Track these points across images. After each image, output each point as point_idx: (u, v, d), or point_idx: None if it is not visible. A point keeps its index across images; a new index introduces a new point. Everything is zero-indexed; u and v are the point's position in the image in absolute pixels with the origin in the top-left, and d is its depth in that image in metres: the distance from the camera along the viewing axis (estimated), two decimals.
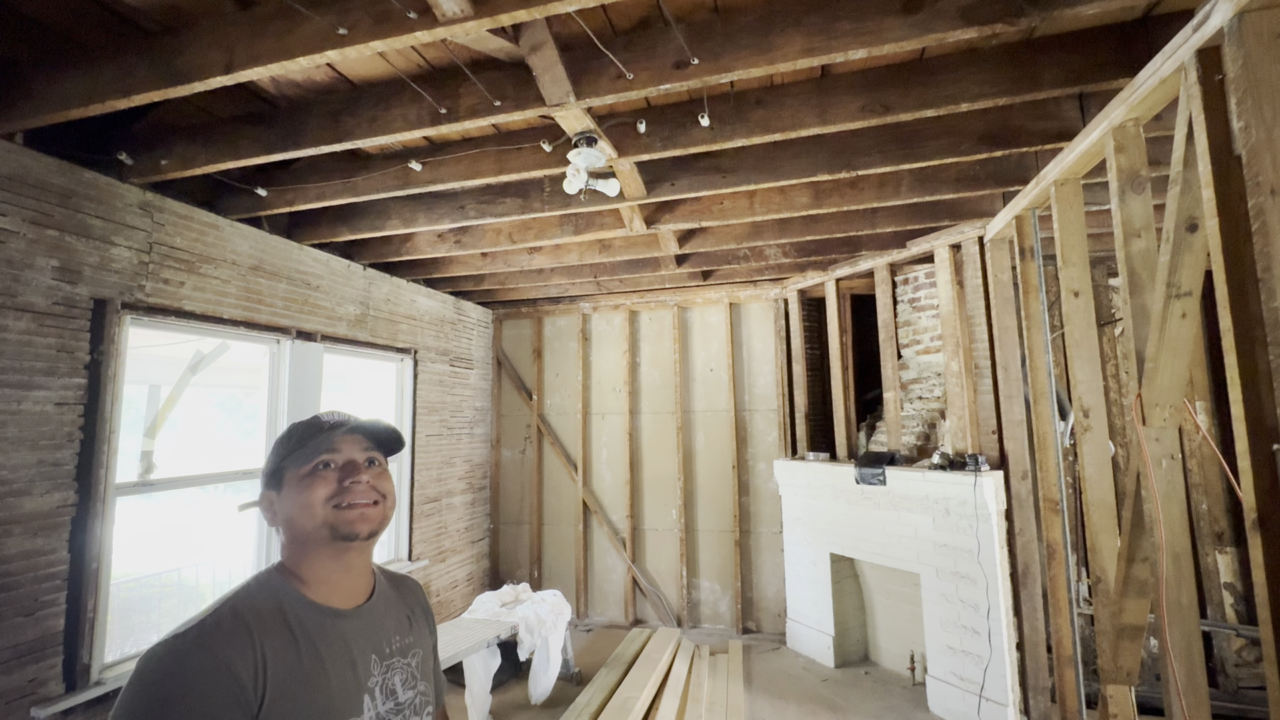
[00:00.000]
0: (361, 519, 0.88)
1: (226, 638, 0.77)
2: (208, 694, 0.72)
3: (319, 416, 0.95)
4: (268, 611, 0.83)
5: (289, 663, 0.80)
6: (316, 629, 0.85)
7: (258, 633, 0.79)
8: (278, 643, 0.80)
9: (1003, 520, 3.26)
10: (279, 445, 0.93)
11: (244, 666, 0.75)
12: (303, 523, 0.87)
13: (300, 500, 0.87)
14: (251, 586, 0.86)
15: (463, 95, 2.14)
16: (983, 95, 2.11)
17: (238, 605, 0.82)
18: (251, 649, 0.77)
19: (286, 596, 0.86)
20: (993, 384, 3.46)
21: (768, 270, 4.68)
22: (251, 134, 2.43)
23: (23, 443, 2.21)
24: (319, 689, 0.81)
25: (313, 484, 0.88)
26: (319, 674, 0.82)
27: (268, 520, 0.92)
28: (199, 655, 0.74)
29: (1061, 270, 2.50)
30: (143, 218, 2.67)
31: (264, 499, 0.92)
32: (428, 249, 3.79)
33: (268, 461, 0.93)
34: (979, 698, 3.17)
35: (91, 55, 2.04)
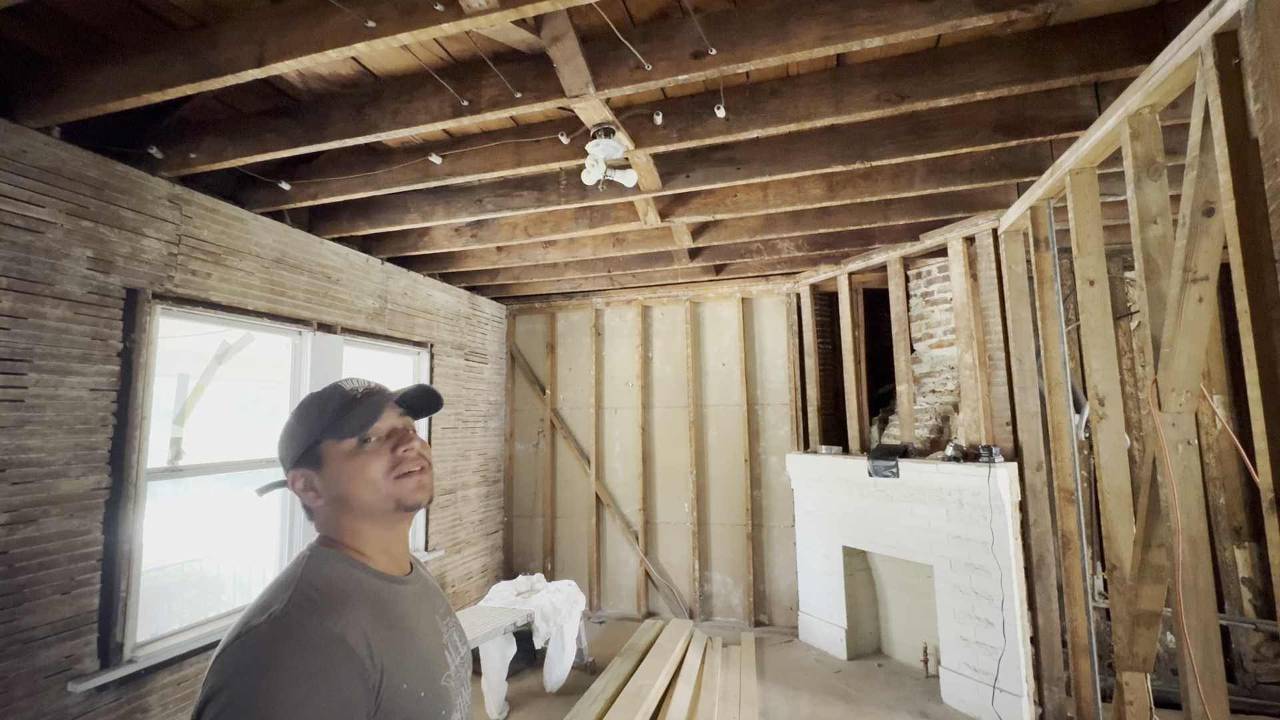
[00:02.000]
0: (420, 487, 0.88)
1: (325, 613, 0.73)
2: (331, 669, 0.69)
3: (340, 386, 0.91)
4: (345, 585, 0.80)
5: (385, 631, 0.78)
6: (391, 597, 0.84)
7: (348, 606, 0.76)
8: (368, 612, 0.78)
9: (1017, 511, 3.26)
10: (307, 421, 0.87)
11: (356, 639, 0.73)
12: (365, 497, 0.84)
13: (361, 475, 0.84)
14: (312, 565, 0.82)
15: (484, 87, 2.19)
16: (998, 84, 2.12)
17: (312, 582, 0.78)
18: (354, 622, 0.74)
19: (354, 568, 0.84)
20: (1007, 376, 3.46)
21: (780, 264, 4.69)
22: (277, 127, 2.50)
23: (60, 426, 2.29)
24: (415, 652, 0.81)
25: (368, 458, 0.85)
26: (410, 637, 0.82)
27: (307, 500, 0.87)
28: (308, 632, 0.70)
29: (1077, 259, 2.51)
30: (172, 210, 2.74)
31: (299, 478, 0.87)
32: (444, 243, 3.85)
33: (295, 440, 0.88)
34: (993, 688, 3.18)
35: (127, 51, 2.11)
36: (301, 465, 0.86)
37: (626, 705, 3.13)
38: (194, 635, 2.72)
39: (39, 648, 2.19)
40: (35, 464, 2.21)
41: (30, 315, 2.22)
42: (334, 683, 0.68)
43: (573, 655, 3.80)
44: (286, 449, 0.88)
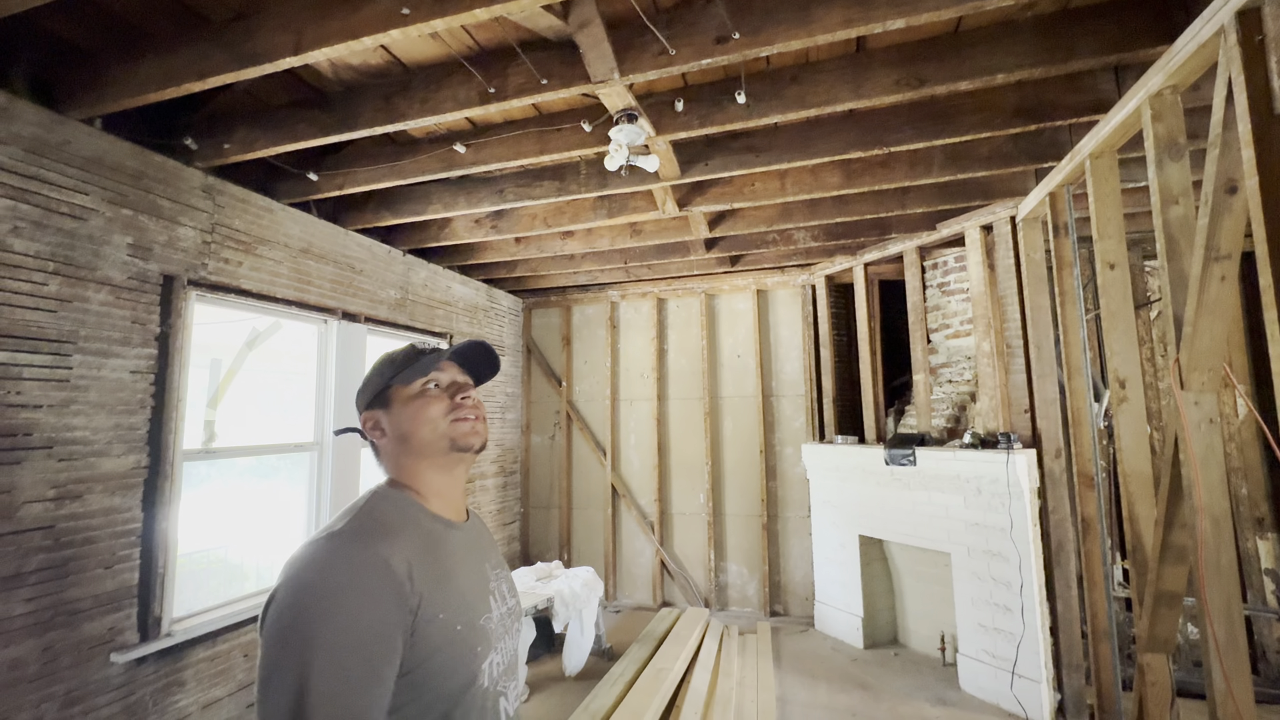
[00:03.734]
0: (473, 432, 0.95)
1: (378, 538, 0.80)
2: (372, 586, 0.75)
3: (413, 343, 1.02)
4: (399, 519, 0.87)
5: (429, 564, 0.84)
6: (442, 536, 0.91)
7: (399, 536, 0.83)
8: (417, 546, 0.85)
9: (1035, 498, 3.26)
10: (381, 369, 0.98)
11: (399, 564, 0.79)
12: (424, 434, 0.93)
13: (421, 415, 0.93)
14: (374, 500, 0.89)
15: (510, 75, 2.24)
16: (1018, 66, 2.14)
17: (372, 512, 0.86)
18: (400, 550, 0.81)
19: (410, 507, 0.91)
20: (1025, 364, 3.47)
21: (796, 255, 4.72)
22: (308, 117, 2.57)
23: (102, 407, 2.37)
24: (457, 589, 0.87)
25: (428, 401, 0.94)
26: (454, 575, 0.88)
27: (375, 438, 0.97)
28: (359, 550, 0.77)
29: (1097, 243, 2.51)
30: (205, 200, 2.82)
31: (369, 419, 0.97)
32: (465, 234, 3.91)
33: (369, 386, 0.98)
34: (1011, 674, 3.18)
35: (166, 43, 2.18)
36: (373, 407, 0.97)
37: (646, 688, 3.18)
38: (225, 613, 2.80)
39: (84, 619, 2.28)
40: (80, 442, 2.30)
41: (75, 299, 2.30)
42: (373, 597, 0.75)
43: (591, 641, 3.85)
44: (362, 396, 0.99)
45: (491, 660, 0.88)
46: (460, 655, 0.83)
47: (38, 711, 2.11)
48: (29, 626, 2.11)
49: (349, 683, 0.70)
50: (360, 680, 0.71)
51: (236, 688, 2.82)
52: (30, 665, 2.10)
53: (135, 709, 2.41)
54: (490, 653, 0.88)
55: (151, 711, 2.46)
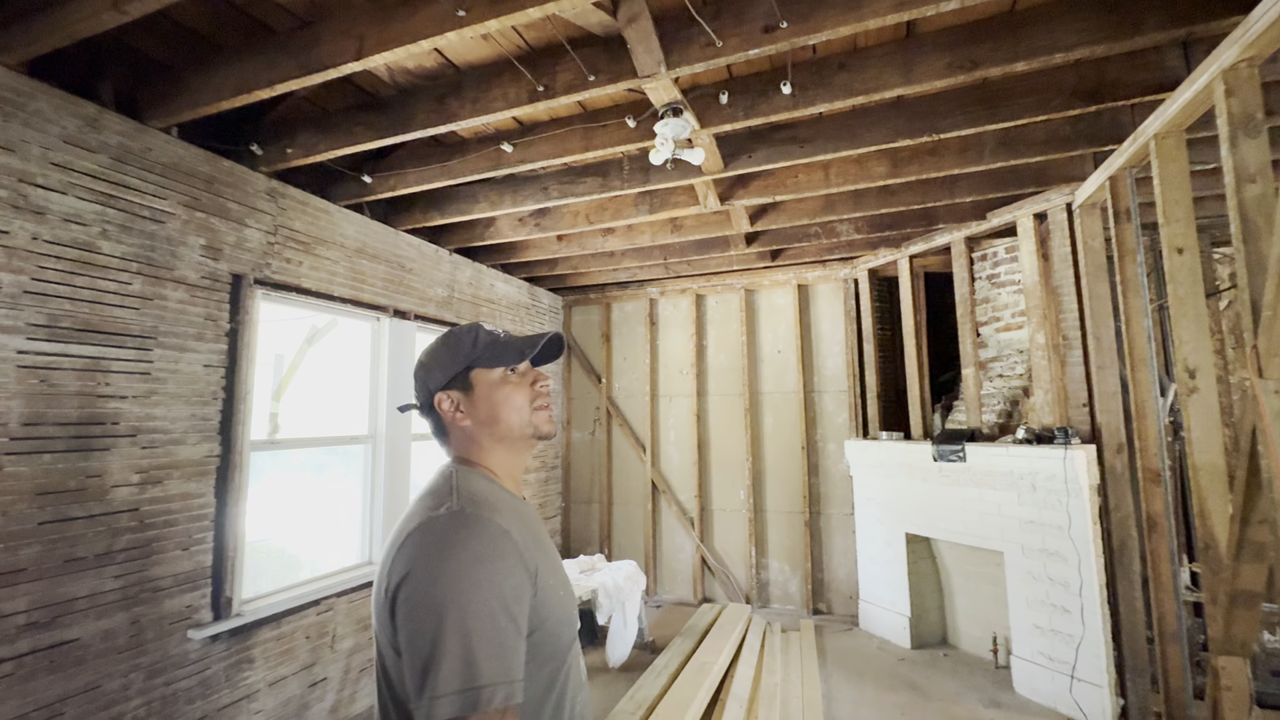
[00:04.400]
0: (550, 420, 1.01)
1: (492, 511, 0.84)
2: (505, 554, 0.80)
3: (483, 325, 1.02)
4: (492, 494, 0.90)
5: (528, 534, 0.88)
6: (520, 508, 0.94)
7: (501, 509, 0.87)
8: (515, 518, 0.88)
9: (1095, 495, 3.14)
10: (458, 349, 0.98)
11: (516, 531, 0.83)
12: (512, 420, 0.96)
13: (510, 402, 0.96)
14: (461, 477, 0.91)
15: (559, 72, 2.29)
16: (1079, 44, 2.07)
17: (469, 489, 0.88)
18: (509, 521, 0.85)
19: (492, 484, 0.94)
20: (1083, 356, 3.34)
21: (838, 248, 4.65)
22: (365, 121, 2.68)
23: (179, 398, 2.53)
24: (549, 555, 0.91)
25: (514, 389, 0.97)
26: (541, 540, 0.92)
27: (452, 419, 0.97)
28: (485, 522, 0.81)
29: (1164, 227, 2.41)
30: (269, 203, 2.97)
31: (447, 399, 0.97)
32: (509, 232, 4.00)
33: (444, 366, 0.98)
34: (1071, 678, 3.07)
35: (236, 54, 2.31)
36: (451, 388, 0.98)
37: (690, 680, 3.19)
38: (288, 596, 2.94)
39: (164, 597, 2.43)
40: (160, 431, 2.45)
41: (155, 297, 2.46)
42: (506, 566, 0.79)
43: (634, 634, 3.88)
44: (434, 373, 0.99)
45: (576, 621, 0.95)
46: (565, 615, 0.89)
47: (126, 680, 2.26)
48: (118, 601, 2.27)
49: (503, 641, 0.74)
50: (511, 638, 0.76)
51: (300, 667, 2.96)
52: (120, 637, 2.26)
53: (210, 683, 2.56)
54: (574, 614, 0.95)
55: (224, 686, 2.61)
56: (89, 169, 2.27)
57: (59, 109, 2.19)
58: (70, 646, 2.13)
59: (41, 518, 2.09)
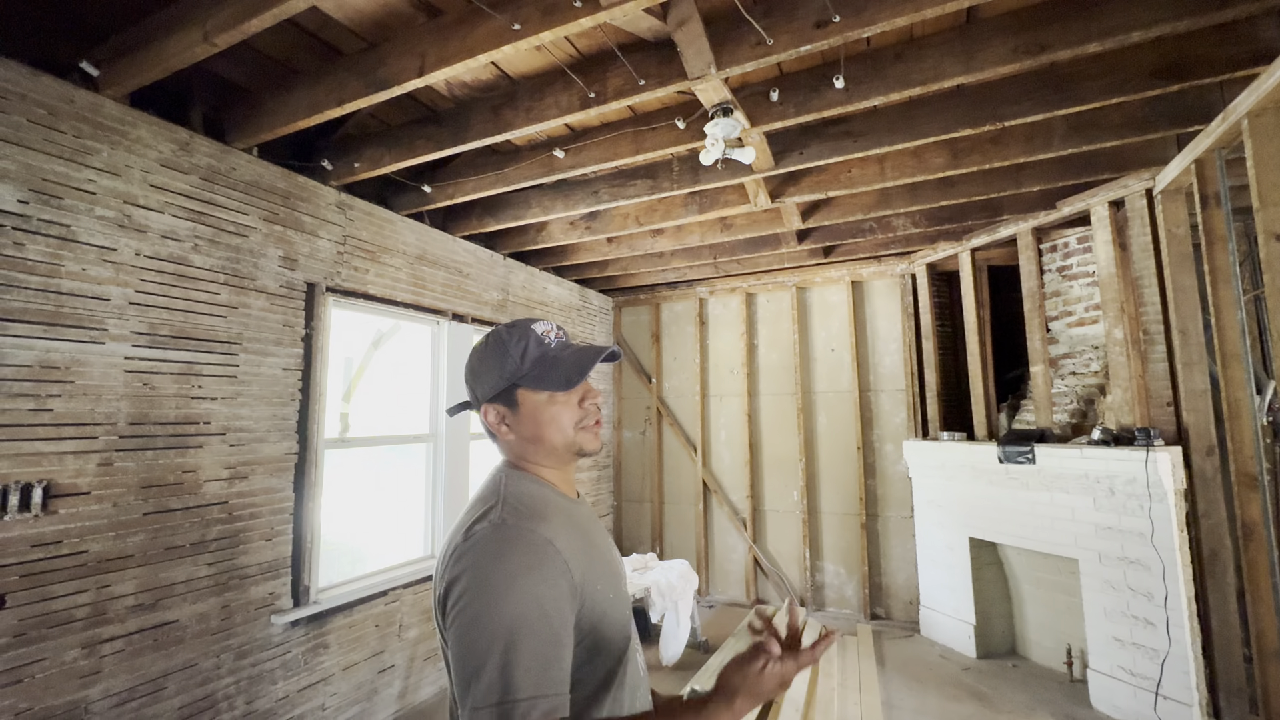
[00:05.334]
0: (595, 439, 0.99)
1: (536, 521, 0.85)
2: (546, 566, 0.80)
3: (534, 333, 0.96)
4: (541, 500, 0.91)
5: (577, 540, 0.89)
6: (573, 512, 0.95)
7: (549, 517, 0.88)
8: (563, 524, 0.89)
9: (1181, 501, 2.93)
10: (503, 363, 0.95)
11: (561, 542, 0.84)
12: (554, 440, 0.95)
13: (554, 423, 0.95)
14: (511, 483, 0.92)
15: (609, 78, 2.33)
16: (1158, 21, 1.94)
17: (517, 495, 0.89)
18: (555, 530, 0.85)
19: (544, 488, 0.95)
20: (1166, 352, 3.12)
21: (894, 243, 4.51)
22: (425, 134, 2.80)
23: (262, 399, 2.72)
24: (601, 559, 0.92)
25: (560, 410, 0.95)
26: (594, 545, 0.93)
27: (498, 433, 0.97)
28: (528, 534, 0.82)
29: (1259, 212, 2.23)
30: (338, 214, 3.15)
31: (492, 412, 0.97)
32: (561, 236, 4.08)
33: (489, 379, 0.96)
34: (1155, 695, 2.88)
35: (309, 77, 2.47)
36: (496, 402, 0.97)
37: None
38: (357, 586, 3.10)
39: (251, 584, 2.61)
40: (246, 430, 2.64)
41: (240, 305, 2.65)
42: (549, 575, 0.80)
43: (687, 632, 3.89)
44: (482, 382, 0.98)
45: (631, 620, 0.97)
46: (618, 619, 0.90)
47: (219, 660, 2.45)
48: (211, 587, 2.46)
49: (544, 655, 0.75)
50: (552, 651, 0.76)
51: (370, 654, 3.12)
52: (212, 620, 2.45)
53: (290, 665, 2.73)
54: (631, 614, 0.97)
55: (303, 669, 2.78)
56: (182, 189, 2.47)
57: (156, 135, 2.40)
58: (170, 627, 2.33)
59: (146, 509, 2.29)
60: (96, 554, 2.15)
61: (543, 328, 0.99)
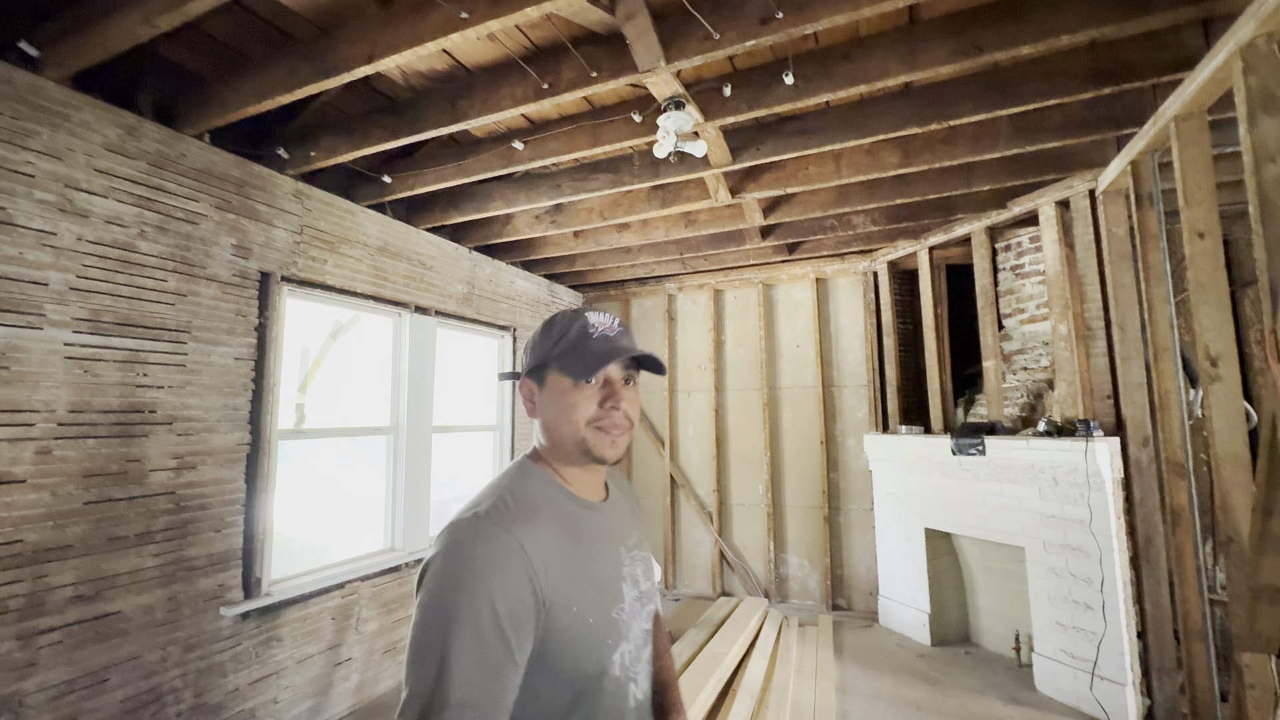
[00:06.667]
0: (613, 445, 0.90)
1: (517, 520, 0.81)
2: (511, 571, 0.76)
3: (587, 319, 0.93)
4: (540, 499, 0.87)
5: (565, 552, 0.83)
6: (579, 520, 0.89)
7: (538, 520, 0.83)
8: (554, 530, 0.84)
9: (1118, 489, 3.05)
10: (546, 336, 0.93)
11: (536, 552, 0.79)
12: (564, 432, 0.89)
13: (565, 413, 0.89)
14: (519, 476, 0.90)
15: (563, 70, 2.35)
16: (1085, 25, 2.03)
17: (515, 492, 0.86)
18: (539, 536, 0.81)
19: (551, 487, 0.90)
20: (1107, 347, 3.25)
21: (855, 241, 4.60)
22: (381, 123, 2.79)
23: (212, 389, 2.68)
24: (591, 576, 0.86)
25: (577, 400, 0.88)
26: (589, 562, 0.87)
27: (529, 410, 0.96)
28: (500, 534, 0.78)
29: (1185, 211, 2.34)
30: (295, 203, 3.12)
31: (526, 386, 0.95)
32: (526, 229, 4.09)
33: (531, 352, 0.94)
34: (1092, 675, 2.99)
35: (261, 62, 2.44)
36: (531, 376, 0.94)
37: (702, 669, 3.22)
38: (313, 579, 3.07)
39: (199, 576, 2.58)
40: (195, 419, 2.61)
41: (190, 293, 2.62)
42: (510, 581, 0.75)
43: None
44: (527, 356, 0.96)
45: (623, 650, 0.87)
46: (592, 647, 0.83)
47: (165, 653, 2.42)
48: (157, 578, 2.42)
49: (486, 662, 0.71)
50: (497, 660, 0.72)
51: (325, 647, 3.10)
52: (158, 612, 2.42)
53: (241, 658, 2.70)
54: (622, 643, 0.87)
55: (254, 661, 2.75)
56: (129, 174, 2.43)
57: (102, 119, 2.36)
58: (114, 619, 2.29)
59: (87, 498, 2.25)
60: (33, 544, 2.10)
61: (599, 318, 0.94)
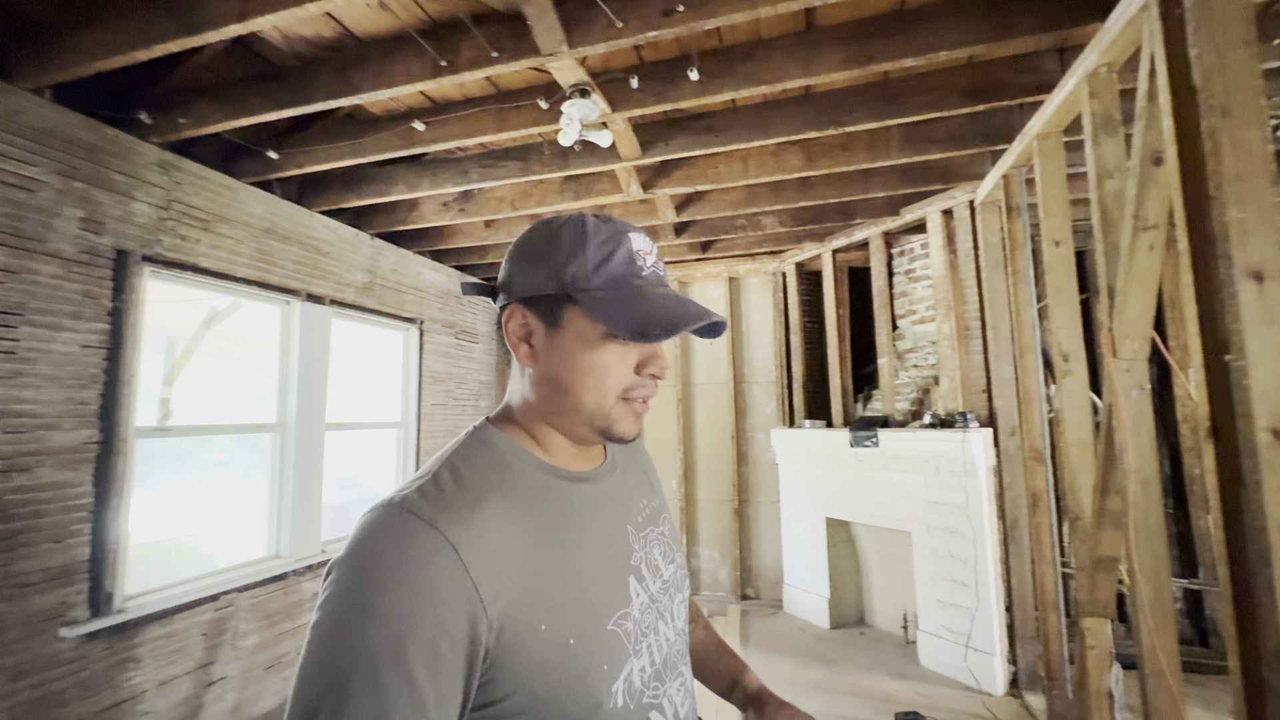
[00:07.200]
0: (636, 421, 0.69)
1: (452, 509, 0.58)
2: (433, 583, 0.53)
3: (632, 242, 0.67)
4: (494, 474, 0.64)
5: (527, 545, 0.60)
6: (556, 498, 0.66)
7: (485, 504, 0.60)
8: (510, 517, 0.61)
9: (991, 476, 3.33)
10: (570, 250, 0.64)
11: (474, 550, 0.56)
12: (585, 399, 0.66)
13: (590, 376, 0.65)
14: (467, 446, 0.66)
15: (463, 48, 2.25)
16: (961, 43, 2.19)
17: (457, 465, 0.63)
18: (480, 529, 0.58)
19: (515, 455, 0.66)
20: (983, 346, 3.54)
21: (765, 241, 4.76)
22: (264, 91, 2.56)
23: (53, 380, 2.36)
24: (574, 579, 0.63)
25: (611, 360, 0.65)
26: (569, 559, 0.63)
27: (516, 351, 0.68)
28: (422, 530, 0.55)
29: (1044, 221, 2.58)
30: (162, 175, 2.80)
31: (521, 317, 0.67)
32: (433, 217, 3.91)
33: (542, 265, 0.65)
34: (965, 648, 3.25)
35: (116, 13, 2.17)
36: (532, 308, 0.66)
37: None
38: (182, 591, 2.78)
39: (33, 593, 2.26)
40: (29, 415, 2.28)
41: (23, 270, 2.28)
42: (428, 598, 0.53)
43: None
44: (524, 272, 0.67)
45: (631, 670, 0.64)
46: (577, 675, 0.59)
47: None
48: None
49: (383, 705, 0.49)
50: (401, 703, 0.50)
51: (195, 666, 2.81)
52: None
53: (89, 684, 2.39)
54: (628, 661, 0.64)
55: (105, 687, 2.45)
56: None
57: None
58: None
59: None
60: None
61: (641, 244, 0.68)
